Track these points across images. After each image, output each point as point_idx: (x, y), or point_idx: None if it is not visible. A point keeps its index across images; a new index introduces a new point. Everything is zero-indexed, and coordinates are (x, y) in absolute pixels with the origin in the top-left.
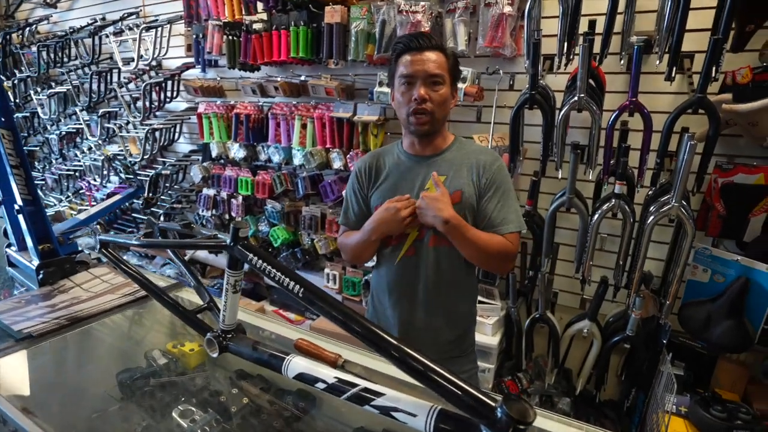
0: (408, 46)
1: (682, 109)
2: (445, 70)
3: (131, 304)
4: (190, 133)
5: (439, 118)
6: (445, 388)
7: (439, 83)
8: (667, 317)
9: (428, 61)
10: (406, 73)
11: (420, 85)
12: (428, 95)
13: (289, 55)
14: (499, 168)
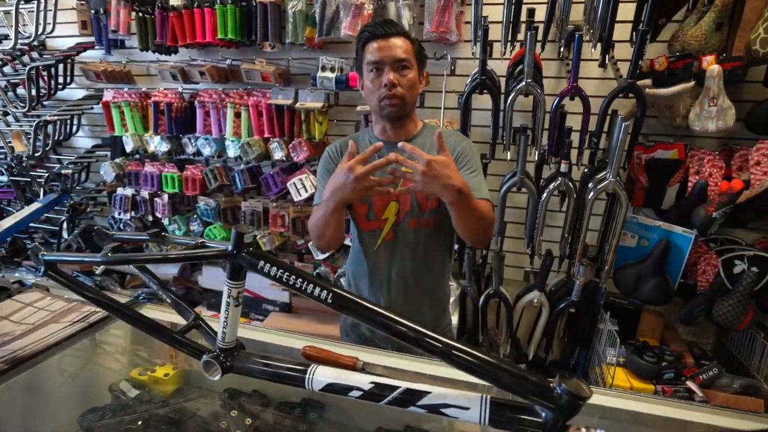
0: (374, 33)
1: (615, 93)
2: (411, 55)
3: (84, 332)
4: (91, 126)
5: (409, 102)
6: (502, 377)
7: (407, 67)
8: (606, 281)
9: (395, 47)
10: (374, 59)
11: (389, 71)
12: (397, 80)
13: (216, 37)
14: (467, 145)
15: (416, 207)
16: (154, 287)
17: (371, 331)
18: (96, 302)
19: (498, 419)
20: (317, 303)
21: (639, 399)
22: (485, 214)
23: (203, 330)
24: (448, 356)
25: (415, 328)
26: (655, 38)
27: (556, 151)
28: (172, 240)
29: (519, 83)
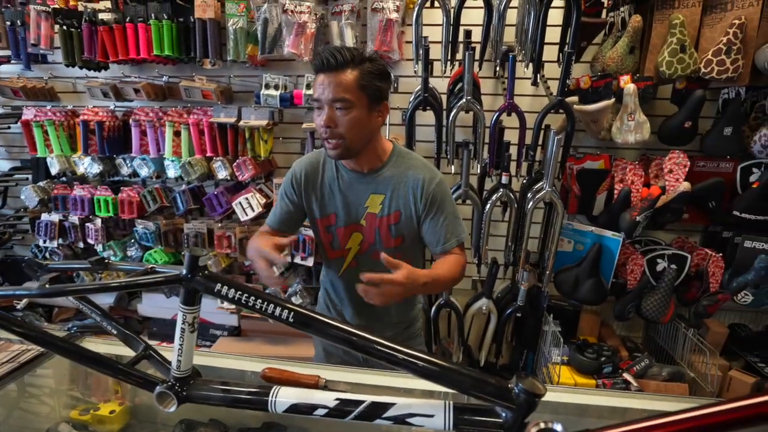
0: (319, 65)
1: (548, 109)
2: (353, 91)
3: (14, 372)
4: (8, 146)
5: (353, 143)
6: (464, 382)
7: (347, 107)
8: (548, 285)
9: (334, 84)
10: (314, 96)
11: (326, 111)
12: (333, 121)
13: (151, 53)
14: (438, 184)
15: (379, 242)
16: (96, 318)
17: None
18: (32, 339)
19: (462, 423)
20: (269, 325)
21: (585, 393)
22: (453, 276)
23: (154, 360)
24: (410, 366)
25: (376, 341)
26: (579, 59)
27: (497, 164)
28: (116, 267)
29: (459, 100)
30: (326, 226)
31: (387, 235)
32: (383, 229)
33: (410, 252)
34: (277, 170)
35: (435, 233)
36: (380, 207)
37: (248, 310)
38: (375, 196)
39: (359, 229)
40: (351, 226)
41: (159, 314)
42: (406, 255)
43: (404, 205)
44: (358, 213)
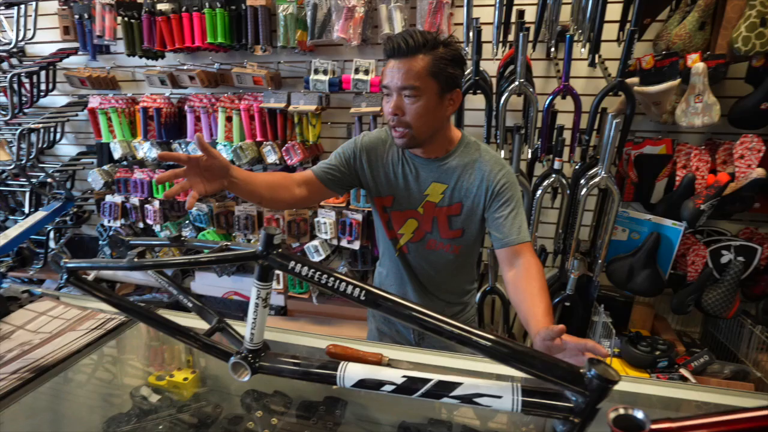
0: (390, 51)
1: (606, 92)
2: (423, 78)
3: (102, 339)
4: (75, 133)
5: (420, 133)
6: (534, 364)
7: (415, 95)
8: (599, 274)
9: (404, 71)
10: (383, 83)
11: (394, 99)
12: (401, 109)
13: (205, 41)
14: (505, 175)
15: (436, 231)
16: (174, 291)
17: (399, 325)
18: (121, 308)
19: (529, 406)
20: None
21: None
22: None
23: (227, 332)
24: (481, 346)
25: (447, 321)
26: (640, 37)
27: (548, 149)
28: (192, 244)
29: (511, 83)
30: (383, 206)
31: (445, 225)
32: (441, 219)
33: (467, 246)
34: (324, 155)
35: (502, 226)
36: (441, 197)
37: (320, 287)
38: (437, 185)
39: (416, 216)
40: (407, 212)
41: (210, 292)
42: (462, 248)
43: (467, 197)
44: (417, 200)
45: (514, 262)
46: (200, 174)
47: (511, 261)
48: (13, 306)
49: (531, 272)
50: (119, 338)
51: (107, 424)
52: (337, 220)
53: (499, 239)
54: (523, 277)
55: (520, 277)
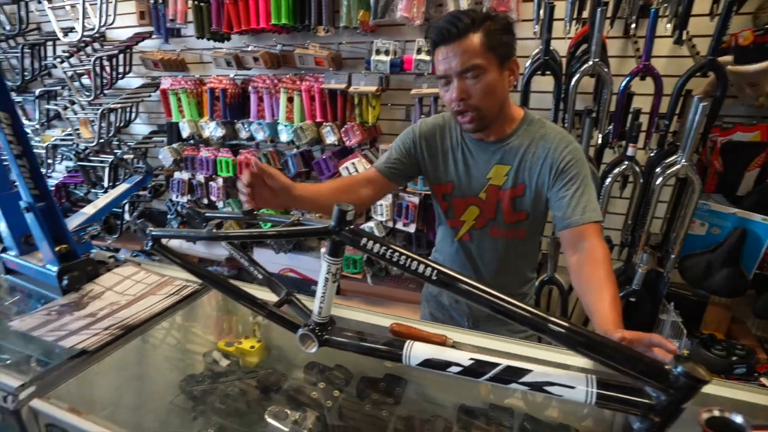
0: (438, 38)
1: (693, 72)
2: (483, 55)
3: (179, 304)
4: (147, 113)
5: (488, 112)
6: (613, 356)
7: (478, 75)
8: (671, 270)
9: (460, 54)
10: (440, 73)
11: (456, 84)
12: (466, 92)
13: (269, 22)
14: (571, 152)
15: (499, 217)
16: (245, 263)
17: (453, 312)
18: (199, 275)
19: (605, 399)
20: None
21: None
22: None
23: (295, 305)
24: (556, 334)
25: (521, 306)
26: (738, 10)
27: (621, 134)
28: (264, 218)
29: (583, 63)
30: (443, 193)
31: (509, 209)
32: (505, 202)
33: (530, 231)
34: (381, 137)
35: (566, 206)
36: (504, 179)
37: (391, 265)
38: (500, 167)
39: (477, 203)
40: (469, 199)
41: (268, 268)
42: (526, 233)
43: (530, 176)
44: (479, 185)
45: (578, 245)
46: (265, 187)
47: (574, 244)
48: (101, 269)
49: (596, 258)
50: (193, 305)
51: (185, 382)
52: (394, 203)
53: (561, 220)
54: (587, 263)
55: (584, 264)
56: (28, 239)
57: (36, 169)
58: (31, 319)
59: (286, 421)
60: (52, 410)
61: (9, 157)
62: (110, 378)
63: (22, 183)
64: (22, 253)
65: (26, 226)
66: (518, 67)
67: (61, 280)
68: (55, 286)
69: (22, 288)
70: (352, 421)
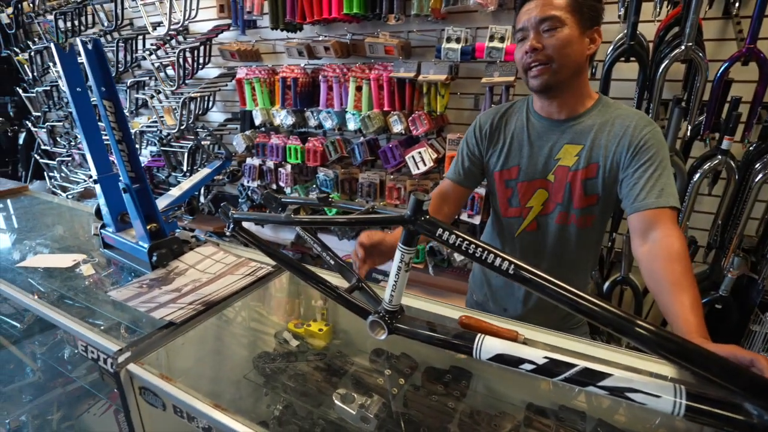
0: None
1: None
2: (564, 10)
3: (254, 284)
4: (223, 101)
5: (562, 67)
6: (709, 367)
7: (556, 27)
8: (766, 277)
9: (542, 5)
10: (518, 26)
11: (532, 35)
12: (540, 43)
13: (341, 12)
14: (652, 133)
15: (568, 201)
16: (317, 248)
17: (503, 300)
18: (275, 258)
19: (696, 412)
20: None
21: None
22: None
23: (365, 292)
24: (644, 338)
25: (605, 306)
26: None
27: (715, 125)
28: (339, 204)
29: (674, 48)
30: (506, 180)
31: (580, 192)
32: (576, 184)
33: (599, 217)
34: (449, 126)
35: (641, 187)
36: (575, 159)
37: (466, 256)
38: (570, 147)
39: (545, 186)
40: (536, 182)
41: None
42: (594, 219)
43: (605, 156)
44: (548, 166)
45: (649, 234)
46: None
47: (645, 232)
48: (185, 248)
49: (672, 251)
50: (266, 286)
51: (258, 358)
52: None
53: (633, 202)
54: (662, 257)
55: (658, 258)
56: (123, 217)
57: (134, 153)
58: (125, 290)
59: (353, 405)
60: (146, 375)
61: (111, 142)
62: (193, 349)
63: (121, 166)
64: (118, 230)
65: (123, 205)
66: (601, 37)
67: (151, 256)
68: (145, 261)
69: (117, 261)
70: (417, 410)
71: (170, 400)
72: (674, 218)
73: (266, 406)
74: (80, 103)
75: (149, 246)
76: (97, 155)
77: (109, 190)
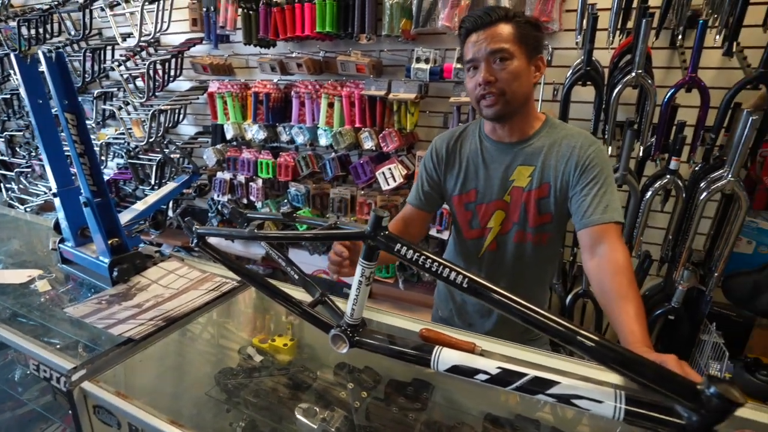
0: (470, 26)
1: (743, 85)
2: (513, 42)
3: (218, 300)
4: (194, 114)
5: (512, 97)
6: (644, 373)
7: (507, 58)
8: (714, 289)
9: (491, 38)
10: (468, 57)
11: (483, 67)
12: (493, 76)
13: (314, 30)
14: (596, 152)
15: (524, 220)
16: (282, 263)
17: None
18: (239, 273)
19: (634, 416)
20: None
21: None
22: (636, 288)
23: (328, 306)
24: (587, 348)
25: (553, 318)
26: None
27: (664, 146)
28: (303, 220)
29: (626, 74)
30: (465, 203)
31: (534, 211)
32: (530, 204)
33: (553, 236)
34: (418, 143)
35: (588, 204)
36: (528, 180)
37: (423, 271)
38: (523, 168)
39: (503, 206)
40: (494, 203)
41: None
42: (549, 237)
43: (554, 176)
44: (504, 188)
45: (596, 249)
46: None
47: (592, 247)
48: (148, 263)
49: (617, 264)
50: (230, 301)
51: (221, 374)
52: None
53: (581, 219)
54: (608, 270)
55: (605, 271)
56: (84, 231)
57: (96, 166)
58: (83, 306)
59: (315, 419)
60: (101, 393)
61: (73, 155)
62: (152, 366)
63: (83, 179)
64: (78, 245)
65: (83, 219)
66: (545, 64)
67: (111, 272)
68: (106, 277)
69: (76, 277)
70: (379, 423)
71: (125, 418)
72: (619, 232)
73: (228, 423)
74: (41, 115)
75: (110, 261)
76: (57, 168)
77: (69, 204)
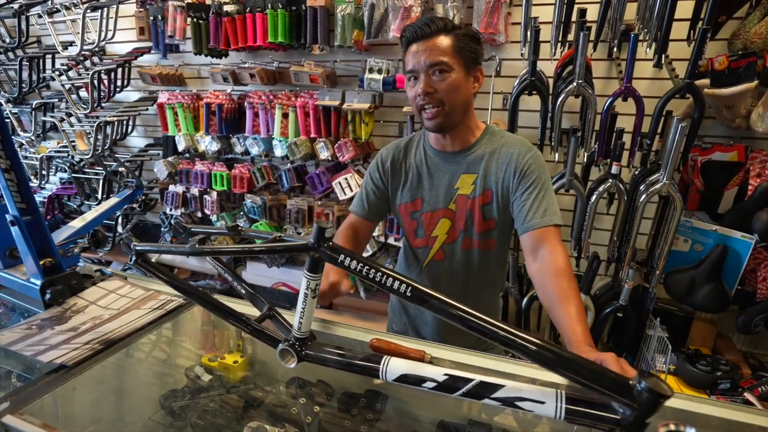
0: (411, 36)
1: (672, 94)
2: (451, 55)
3: (162, 319)
4: (144, 126)
5: (452, 108)
6: (580, 372)
7: (446, 70)
8: (656, 286)
9: (430, 50)
10: (409, 68)
11: (423, 78)
12: (432, 87)
13: (266, 40)
14: (533, 158)
15: (470, 227)
16: (229, 278)
17: (421, 328)
18: (182, 291)
19: (574, 414)
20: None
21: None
22: (576, 289)
23: (276, 320)
24: (526, 350)
25: (493, 323)
26: (714, 36)
27: (606, 152)
28: (248, 234)
29: (569, 84)
30: (411, 212)
31: (479, 218)
32: (475, 211)
33: (500, 240)
34: (374, 153)
35: (528, 209)
36: (472, 187)
37: (367, 281)
38: (466, 176)
39: (448, 215)
40: (439, 212)
41: (260, 282)
42: (495, 243)
43: (495, 182)
44: (449, 196)
45: (538, 252)
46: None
47: (534, 250)
48: (87, 283)
49: (557, 267)
50: (177, 319)
51: (164, 397)
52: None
53: (522, 223)
54: (549, 273)
55: (546, 274)
56: (12, 252)
57: (24, 182)
58: (10, 333)
59: None
60: (25, 426)
61: None
62: (89, 393)
63: (8, 196)
64: (6, 267)
65: (11, 239)
66: (483, 76)
67: (44, 294)
68: (38, 300)
69: (5, 301)
70: None
71: None
72: (558, 234)
73: None
74: None
75: (42, 283)
76: None
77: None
